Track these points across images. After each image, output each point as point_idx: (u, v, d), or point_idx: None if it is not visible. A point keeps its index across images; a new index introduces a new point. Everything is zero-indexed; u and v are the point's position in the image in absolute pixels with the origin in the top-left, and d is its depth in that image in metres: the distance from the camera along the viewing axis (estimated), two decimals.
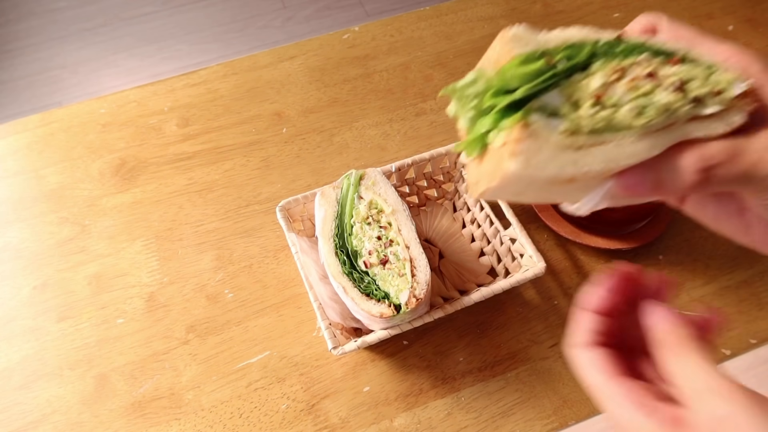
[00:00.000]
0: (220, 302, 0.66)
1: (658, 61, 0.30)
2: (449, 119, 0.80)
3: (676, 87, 0.29)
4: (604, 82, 0.28)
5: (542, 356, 0.62)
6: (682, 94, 0.29)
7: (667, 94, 0.29)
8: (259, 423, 0.58)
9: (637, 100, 0.28)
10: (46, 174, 0.77)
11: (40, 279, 0.68)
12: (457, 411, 0.59)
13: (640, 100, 0.28)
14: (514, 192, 0.30)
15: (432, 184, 0.70)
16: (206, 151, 0.78)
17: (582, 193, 0.31)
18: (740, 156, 0.27)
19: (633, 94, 0.28)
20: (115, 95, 0.84)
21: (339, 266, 0.54)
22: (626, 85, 0.29)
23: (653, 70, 0.29)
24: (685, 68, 0.30)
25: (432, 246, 0.68)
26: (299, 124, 0.81)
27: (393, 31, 0.91)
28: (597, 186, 0.30)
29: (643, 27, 0.33)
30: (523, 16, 0.92)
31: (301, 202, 0.62)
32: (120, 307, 0.66)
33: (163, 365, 0.62)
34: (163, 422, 0.58)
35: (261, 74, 0.86)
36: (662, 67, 0.30)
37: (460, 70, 0.86)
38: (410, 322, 0.54)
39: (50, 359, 0.62)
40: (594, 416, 0.59)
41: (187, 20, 2.19)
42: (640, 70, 0.29)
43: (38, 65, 2.07)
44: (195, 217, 0.72)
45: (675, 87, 0.29)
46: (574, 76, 0.29)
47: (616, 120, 0.28)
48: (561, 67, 0.29)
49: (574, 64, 0.30)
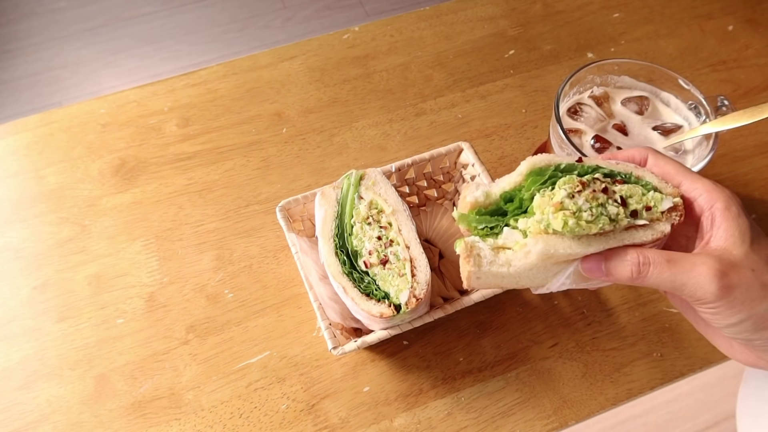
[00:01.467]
0: (220, 302, 0.66)
1: (608, 180, 0.38)
2: (449, 119, 0.81)
3: (619, 202, 0.37)
4: (569, 192, 0.36)
5: (542, 356, 0.62)
6: (624, 208, 0.37)
7: (613, 207, 0.37)
8: (259, 423, 0.58)
9: (595, 208, 0.36)
10: (46, 174, 0.77)
11: (40, 279, 0.68)
12: (457, 411, 0.59)
13: (597, 208, 0.36)
14: (485, 283, 0.40)
15: (432, 184, 0.69)
16: (206, 151, 0.78)
17: (545, 279, 0.39)
18: (672, 263, 0.35)
19: (593, 203, 0.36)
20: (115, 95, 0.84)
21: (339, 266, 0.54)
22: (585, 196, 0.36)
23: (606, 186, 0.37)
24: (627, 187, 0.38)
25: (432, 246, 0.68)
26: (299, 124, 0.81)
27: (393, 31, 0.91)
28: (558, 272, 0.38)
29: (630, 157, 0.41)
30: (523, 16, 0.92)
31: (301, 202, 0.62)
32: (120, 307, 0.66)
33: (163, 365, 0.62)
34: (163, 422, 0.58)
35: (261, 74, 0.86)
36: (612, 185, 0.38)
37: (460, 70, 0.86)
38: (410, 322, 0.54)
39: (50, 359, 0.62)
40: (594, 416, 0.59)
41: (186, 20, 2.19)
42: (597, 185, 0.37)
43: (38, 65, 2.07)
44: (195, 217, 0.72)
45: (619, 202, 0.37)
46: (535, 197, 0.38)
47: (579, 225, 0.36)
48: (510, 209, 0.40)
49: (520, 204, 0.39)
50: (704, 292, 0.34)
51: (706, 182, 0.38)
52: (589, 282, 0.40)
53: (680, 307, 0.43)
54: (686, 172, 0.39)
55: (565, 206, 0.35)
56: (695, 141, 0.60)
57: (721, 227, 0.36)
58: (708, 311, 0.36)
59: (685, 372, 0.61)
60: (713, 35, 0.89)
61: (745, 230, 0.36)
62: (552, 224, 0.36)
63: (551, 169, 0.39)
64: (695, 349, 0.62)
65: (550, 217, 0.36)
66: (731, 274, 0.34)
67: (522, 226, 0.38)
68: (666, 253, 0.36)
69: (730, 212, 0.36)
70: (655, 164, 0.40)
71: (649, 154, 0.41)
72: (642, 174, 0.40)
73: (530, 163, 0.39)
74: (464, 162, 0.66)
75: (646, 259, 0.35)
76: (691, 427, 1.35)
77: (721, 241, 0.36)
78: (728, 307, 0.34)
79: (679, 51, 0.87)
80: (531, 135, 0.79)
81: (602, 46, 0.88)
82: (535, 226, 0.37)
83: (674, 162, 0.40)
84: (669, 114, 0.64)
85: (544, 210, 0.36)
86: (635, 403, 1.36)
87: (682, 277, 0.35)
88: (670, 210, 0.37)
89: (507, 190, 0.40)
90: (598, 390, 0.60)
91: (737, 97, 0.82)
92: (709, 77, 0.84)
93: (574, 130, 0.62)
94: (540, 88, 0.84)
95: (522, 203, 0.39)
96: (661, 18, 0.91)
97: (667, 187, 0.39)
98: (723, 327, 0.36)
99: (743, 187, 0.74)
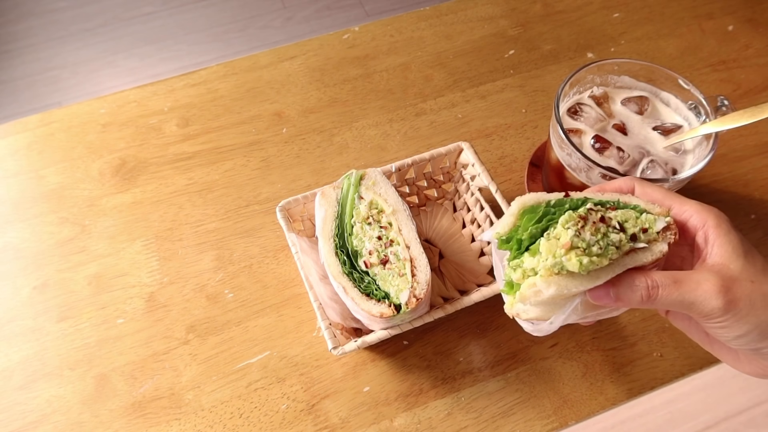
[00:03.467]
0: (220, 302, 0.66)
1: (602, 209, 0.39)
2: (449, 119, 0.81)
3: (618, 228, 0.37)
4: (575, 230, 0.36)
5: (542, 356, 0.62)
6: (624, 233, 0.37)
7: (615, 234, 0.37)
8: (259, 423, 0.58)
9: (603, 240, 0.36)
10: (46, 174, 0.77)
11: (40, 279, 0.68)
12: (457, 411, 0.59)
13: (603, 240, 0.36)
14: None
15: (432, 184, 0.69)
16: (206, 151, 0.78)
17: (547, 313, 0.40)
18: (679, 283, 0.36)
19: (597, 236, 0.36)
20: (115, 95, 0.84)
21: (339, 266, 0.54)
22: (590, 230, 0.37)
23: (602, 214, 0.38)
24: (621, 212, 0.39)
25: (432, 246, 0.68)
26: (299, 124, 0.81)
27: (393, 31, 0.91)
28: (564, 306, 0.39)
29: (617, 188, 0.42)
30: (523, 16, 0.92)
31: (301, 202, 0.62)
32: (120, 307, 0.66)
33: (163, 365, 0.62)
34: (163, 422, 0.58)
35: (261, 74, 0.86)
36: (606, 212, 0.39)
37: (460, 70, 0.86)
38: (410, 322, 0.54)
39: (50, 359, 0.62)
40: (594, 416, 0.59)
41: (186, 20, 2.19)
42: (594, 216, 0.37)
43: (38, 65, 2.07)
44: (195, 217, 0.72)
45: (617, 228, 0.37)
46: None
47: (592, 261, 0.36)
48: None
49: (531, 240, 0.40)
50: (711, 308, 0.35)
51: (694, 203, 0.40)
52: (598, 311, 0.40)
53: (682, 326, 0.43)
54: (674, 197, 0.41)
55: (574, 245, 0.36)
56: (695, 141, 0.60)
57: (715, 244, 0.37)
58: (716, 326, 0.37)
59: (685, 372, 0.61)
60: (713, 35, 0.89)
61: (737, 244, 0.37)
62: (566, 266, 0.36)
63: (542, 206, 0.40)
64: (695, 349, 0.62)
65: (563, 260, 0.36)
66: (734, 288, 0.35)
67: (528, 266, 0.39)
68: (671, 274, 0.36)
69: (721, 229, 0.38)
70: (643, 192, 0.41)
71: (635, 183, 0.42)
72: (628, 200, 0.41)
73: (520, 203, 0.40)
74: (464, 162, 0.66)
75: (654, 282, 0.36)
76: (691, 427, 1.35)
77: (717, 257, 0.37)
78: (735, 320, 0.35)
79: (679, 51, 0.87)
80: (531, 135, 0.79)
81: (602, 46, 0.88)
82: (548, 270, 0.37)
83: (660, 188, 0.41)
84: (669, 114, 0.64)
85: (555, 253, 0.36)
86: (635, 403, 1.36)
87: (689, 296, 0.35)
88: (664, 230, 0.38)
89: (502, 233, 0.40)
90: (598, 390, 0.60)
91: (737, 97, 0.82)
92: (709, 77, 0.84)
93: (574, 130, 0.62)
94: (540, 88, 0.84)
95: (521, 243, 0.40)
96: (661, 18, 0.91)
97: (655, 207, 0.40)
98: (730, 339, 0.37)
99: (743, 187, 0.74)
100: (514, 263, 0.40)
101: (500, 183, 0.74)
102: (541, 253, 0.37)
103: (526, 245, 0.40)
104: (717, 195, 0.73)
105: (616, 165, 0.59)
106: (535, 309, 0.40)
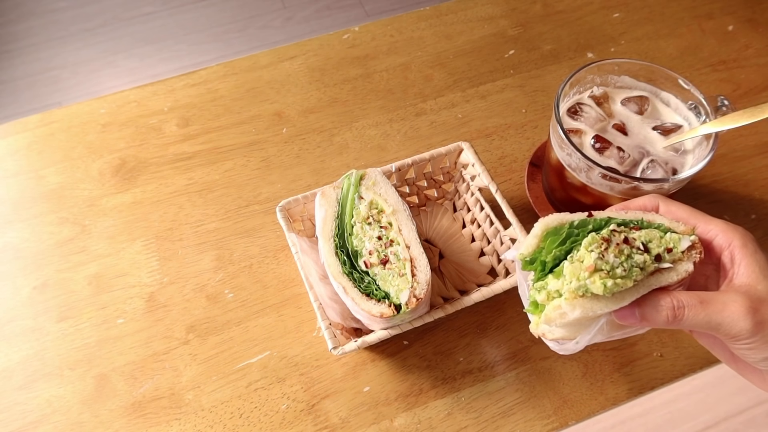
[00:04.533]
0: (220, 302, 0.66)
1: (626, 230, 0.38)
2: (449, 119, 0.81)
3: (642, 249, 0.37)
4: (599, 252, 0.36)
5: (542, 356, 0.62)
6: (648, 254, 0.37)
7: (639, 255, 0.37)
8: (259, 423, 0.58)
9: (626, 262, 0.36)
10: (45, 174, 0.77)
11: (40, 279, 0.68)
12: (458, 411, 0.59)
13: (627, 262, 0.36)
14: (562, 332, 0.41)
15: (432, 184, 0.69)
16: (206, 151, 0.78)
17: (573, 333, 0.40)
18: (706, 304, 0.35)
19: (621, 258, 0.36)
20: (115, 95, 0.84)
21: (339, 266, 0.54)
22: (613, 252, 0.36)
23: (626, 235, 0.38)
24: (644, 232, 0.39)
25: (432, 246, 0.68)
26: (299, 124, 0.81)
27: (393, 31, 0.91)
28: (589, 326, 0.39)
29: (641, 206, 0.42)
30: (523, 16, 0.92)
31: (301, 202, 0.62)
32: (120, 307, 0.66)
33: (163, 365, 0.62)
34: (163, 422, 0.58)
35: (261, 74, 0.86)
36: (629, 233, 0.38)
37: (460, 70, 0.86)
38: (410, 322, 0.54)
39: (50, 359, 0.62)
40: (594, 416, 0.59)
41: (186, 20, 2.19)
42: (617, 237, 0.37)
43: (38, 65, 2.07)
44: (195, 217, 0.72)
45: (641, 249, 0.37)
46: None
47: (617, 284, 0.36)
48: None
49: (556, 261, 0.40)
50: (739, 330, 0.35)
51: (719, 222, 0.39)
52: (623, 330, 0.40)
53: (707, 344, 0.43)
54: (699, 215, 0.40)
55: (598, 267, 0.36)
56: (695, 141, 0.60)
57: (741, 264, 0.37)
58: (743, 347, 0.36)
59: (685, 372, 0.61)
60: (713, 35, 0.89)
61: (764, 265, 0.37)
62: (591, 289, 0.36)
63: (566, 227, 0.39)
64: (695, 349, 0.62)
65: (587, 282, 0.36)
66: (762, 309, 0.35)
67: (552, 288, 0.39)
68: (697, 294, 0.36)
69: (747, 249, 0.37)
70: (667, 210, 0.41)
71: (659, 201, 0.41)
72: (652, 218, 0.40)
73: (543, 224, 0.40)
74: (464, 162, 0.66)
75: (680, 303, 0.36)
76: (691, 427, 1.35)
77: (744, 278, 0.37)
78: (764, 341, 0.35)
79: (679, 51, 0.87)
80: (531, 135, 0.79)
81: (602, 46, 0.88)
82: (572, 293, 0.37)
83: (685, 206, 0.41)
84: (669, 114, 0.64)
85: (579, 276, 0.36)
86: (635, 403, 1.36)
87: (716, 317, 0.35)
88: (689, 249, 0.38)
89: (526, 255, 0.40)
90: (598, 390, 0.60)
91: (737, 97, 0.82)
92: (709, 77, 0.84)
93: (574, 130, 0.62)
94: (540, 88, 0.84)
95: (545, 265, 0.40)
96: (661, 18, 0.91)
97: (679, 226, 0.39)
98: (758, 361, 0.37)
99: (743, 187, 0.74)
100: (539, 285, 0.40)
101: (500, 183, 0.74)
102: (565, 276, 0.37)
103: (551, 267, 0.39)
104: (717, 195, 0.73)
105: (617, 165, 0.59)
106: (561, 329, 0.40)
